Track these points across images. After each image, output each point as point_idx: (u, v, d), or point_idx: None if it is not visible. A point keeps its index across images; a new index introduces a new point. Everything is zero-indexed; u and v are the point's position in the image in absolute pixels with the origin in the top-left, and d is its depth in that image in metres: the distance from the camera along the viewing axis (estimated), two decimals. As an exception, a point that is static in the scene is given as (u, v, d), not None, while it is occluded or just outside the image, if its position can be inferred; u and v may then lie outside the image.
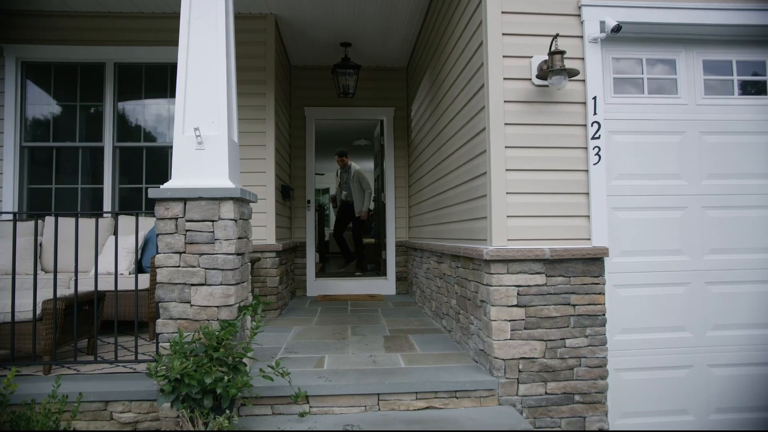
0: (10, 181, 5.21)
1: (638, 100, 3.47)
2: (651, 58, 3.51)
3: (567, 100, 3.27)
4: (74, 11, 5.26)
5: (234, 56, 3.29)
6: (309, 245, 7.24)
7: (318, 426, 2.86)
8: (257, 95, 5.38)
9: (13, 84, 5.28)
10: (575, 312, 3.21)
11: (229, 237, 2.96)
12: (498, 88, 3.22)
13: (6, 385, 2.34)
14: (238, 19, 5.34)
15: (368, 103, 7.24)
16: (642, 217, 3.43)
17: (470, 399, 3.13)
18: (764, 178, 3.50)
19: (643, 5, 3.32)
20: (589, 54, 3.27)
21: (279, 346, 4.09)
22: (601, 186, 3.26)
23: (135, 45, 5.24)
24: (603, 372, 3.21)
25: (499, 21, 3.23)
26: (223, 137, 3.03)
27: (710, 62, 3.56)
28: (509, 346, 3.15)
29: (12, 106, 5.26)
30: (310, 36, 6.10)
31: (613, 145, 3.41)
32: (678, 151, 3.48)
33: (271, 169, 5.44)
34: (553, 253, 3.15)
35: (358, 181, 8.24)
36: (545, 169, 3.24)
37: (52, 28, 5.28)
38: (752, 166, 3.50)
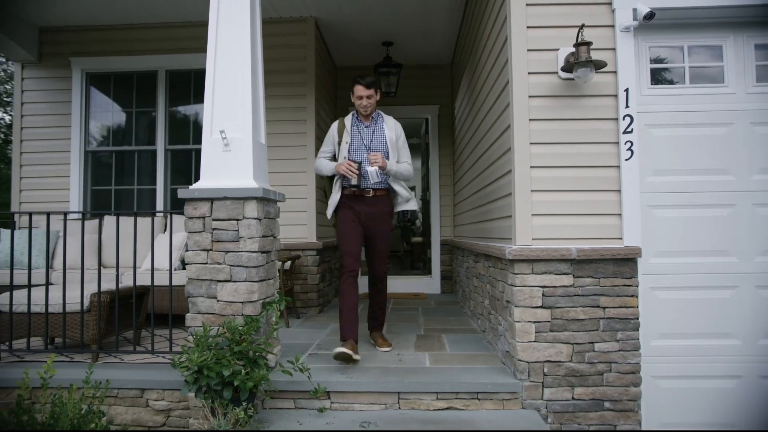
0: (76, 184, 5.65)
1: (679, 90, 3.26)
2: (693, 45, 3.28)
3: (596, 93, 3.12)
4: (130, 24, 5.63)
5: (261, 62, 3.39)
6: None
7: (335, 422, 2.91)
8: (298, 96, 5.52)
9: (79, 94, 5.73)
10: (605, 315, 3.06)
11: (252, 235, 3.07)
12: (522, 83, 3.12)
13: (46, 369, 2.56)
14: (279, 23, 5.52)
15: (412, 101, 7.23)
16: (683, 216, 3.22)
17: (492, 401, 3.07)
18: (826, 172, 3.18)
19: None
20: (620, 44, 3.11)
21: (312, 342, 4.19)
22: (633, 183, 3.08)
23: (184, 53, 5.52)
24: (636, 379, 3.04)
25: (523, 14, 3.13)
26: (248, 139, 3.14)
27: (764, 47, 3.27)
28: (533, 348, 3.06)
29: (78, 114, 5.71)
30: (351, 37, 6.18)
31: (650, 139, 3.21)
32: (724, 145, 3.22)
33: (312, 168, 5.56)
34: (580, 252, 3.02)
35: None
36: (572, 166, 3.11)
37: (111, 41, 5.67)
38: (812, 159, 3.19)
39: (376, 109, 3.86)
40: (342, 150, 3.70)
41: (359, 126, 3.74)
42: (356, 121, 3.75)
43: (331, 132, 3.81)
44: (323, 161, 3.79)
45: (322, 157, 3.80)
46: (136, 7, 5.29)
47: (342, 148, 3.70)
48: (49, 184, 5.70)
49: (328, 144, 3.82)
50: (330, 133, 3.81)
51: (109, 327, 3.55)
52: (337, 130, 3.76)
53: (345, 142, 3.69)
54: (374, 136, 3.74)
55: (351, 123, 3.74)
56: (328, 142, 3.81)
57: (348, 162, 3.55)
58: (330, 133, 3.81)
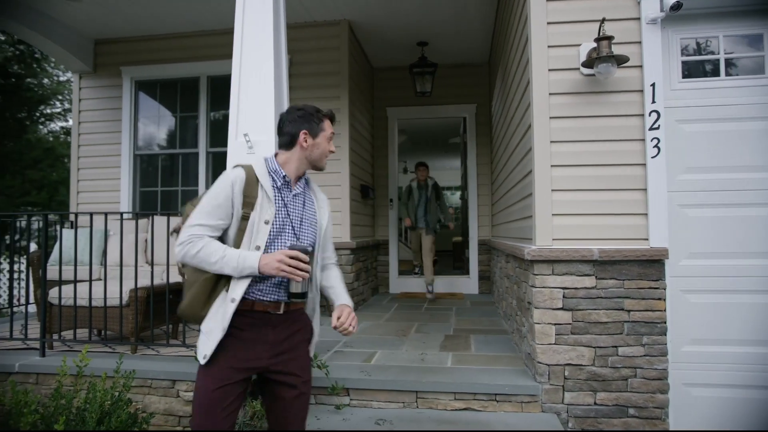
0: (126, 185, 6.00)
1: (713, 83, 3.09)
2: (729, 35, 3.10)
3: (621, 89, 3.02)
4: (174, 33, 5.92)
5: (285, 66, 3.49)
6: (392, 243, 7.38)
7: (352, 418, 2.96)
8: (331, 98, 5.62)
9: (128, 101, 6.08)
10: (629, 318, 2.95)
11: (274, 235, 3.16)
12: (542, 80, 3.07)
13: (81, 358, 2.76)
14: (313, 27, 5.65)
15: (450, 100, 7.19)
16: (716, 215, 3.06)
17: (511, 404, 3.03)
18: None
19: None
20: (646, 37, 2.99)
21: (339, 339, 4.26)
22: (660, 181, 2.96)
23: (224, 59, 5.71)
24: (663, 385, 2.92)
25: (543, 9, 3.08)
26: (271, 141, 3.24)
27: (811, 34, 3.06)
28: (553, 350, 3.00)
29: (127, 120, 6.06)
30: (385, 38, 6.22)
31: (681, 135, 3.07)
32: (763, 140, 3.04)
33: (345, 168, 5.65)
34: (603, 253, 2.94)
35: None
36: (595, 164, 3.02)
37: (157, 50, 5.99)
38: None
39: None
40: (252, 229, 1.91)
41: (285, 193, 2.00)
42: (283, 184, 2.00)
43: (223, 190, 1.90)
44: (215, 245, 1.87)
45: (207, 236, 1.89)
46: (178, 17, 5.55)
47: (251, 227, 1.91)
48: (102, 186, 6.07)
49: (217, 211, 1.90)
50: (222, 193, 1.90)
51: (146, 321, 3.77)
52: (241, 189, 1.91)
53: (261, 219, 1.91)
54: (304, 211, 2.05)
55: (271, 184, 1.97)
56: (219, 210, 1.90)
57: (296, 252, 1.85)
58: (222, 191, 1.90)
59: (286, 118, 2.06)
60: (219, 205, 1.90)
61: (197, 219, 1.90)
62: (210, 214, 1.90)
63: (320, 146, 2.05)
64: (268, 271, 1.84)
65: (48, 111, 15.28)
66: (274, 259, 1.84)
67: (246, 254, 1.86)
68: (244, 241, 1.91)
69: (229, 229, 1.93)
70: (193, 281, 1.92)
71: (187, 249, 1.86)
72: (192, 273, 1.93)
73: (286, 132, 2.04)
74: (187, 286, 1.94)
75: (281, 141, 2.07)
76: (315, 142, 2.03)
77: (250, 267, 1.85)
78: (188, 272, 1.95)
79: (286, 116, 2.07)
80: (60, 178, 13.61)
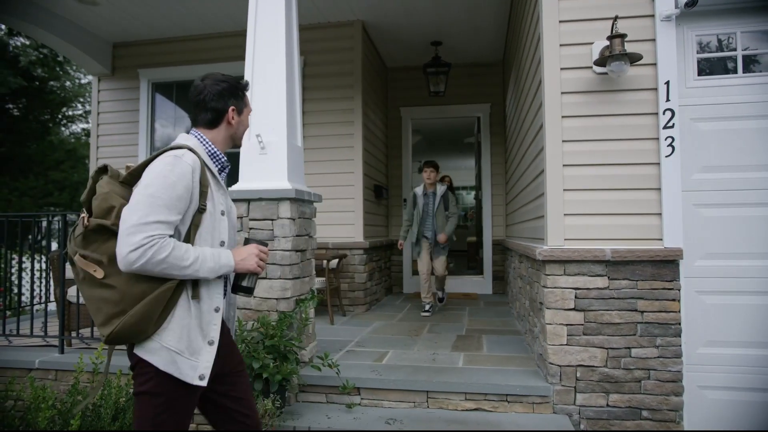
0: (143, 186, 6.10)
1: (730, 81, 3.04)
2: (747, 31, 3.04)
3: (634, 87, 2.98)
4: (189, 35, 6.00)
5: (297, 68, 3.52)
6: (406, 243, 7.36)
7: (363, 417, 2.98)
8: (345, 99, 5.65)
9: (146, 102, 6.19)
10: (642, 319, 2.92)
11: (286, 235, 3.20)
12: (554, 79, 3.04)
13: (97, 356, 2.81)
14: (327, 28, 5.67)
15: (463, 100, 7.16)
16: (733, 215, 3.00)
17: (522, 404, 3.02)
18: None
19: (732, -28, 2.90)
20: (660, 34, 2.95)
21: (352, 339, 4.28)
22: (674, 180, 2.92)
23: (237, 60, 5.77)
24: (677, 388, 2.88)
25: (555, 7, 3.05)
26: (282, 142, 3.27)
27: (832, 30, 2.99)
28: (565, 351, 2.97)
29: (145, 120, 6.16)
30: (399, 38, 6.23)
31: (696, 133, 3.02)
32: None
33: (359, 169, 5.66)
34: (615, 254, 2.90)
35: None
36: (608, 164, 2.99)
37: (172, 52, 6.08)
38: None
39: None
40: (212, 223, 1.71)
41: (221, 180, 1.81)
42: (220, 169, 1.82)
43: (182, 179, 1.60)
44: (183, 245, 1.60)
45: (168, 235, 1.58)
46: (192, 19, 5.63)
47: (210, 220, 1.70)
48: (121, 186, 6.18)
49: (177, 205, 1.60)
50: (182, 182, 1.60)
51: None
52: (198, 177, 1.65)
53: (217, 210, 1.72)
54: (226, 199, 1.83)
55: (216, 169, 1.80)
56: (179, 203, 1.60)
57: (259, 247, 1.78)
58: (181, 181, 1.60)
59: (209, 90, 1.77)
60: (179, 197, 1.58)
61: (154, 214, 1.53)
62: (169, 208, 1.56)
63: (244, 123, 1.88)
64: (245, 267, 1.72)
65: (70, 113, 15.63)
66: (251, 254, 1.73)
67: (219, 252, 1.67)
68: (202, 236, 1.66)
69: (178, 225, 1.62)
70: (137, 295, 1.54)
71: (150, 254, 1.50)
72: (133, 285, 1.55)
73: (211, 108, 1.77)
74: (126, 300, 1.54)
75: (203, 118, 1.78)
76: (240, 119, 1.84)
77: (226, 266, 1.67)
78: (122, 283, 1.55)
79: (209, 88, 1.77)
80: (81, 179, 13.91)
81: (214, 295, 1.68)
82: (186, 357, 1.59)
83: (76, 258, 1.60)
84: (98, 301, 1.57)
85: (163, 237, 1.54)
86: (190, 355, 1.60)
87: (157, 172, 1.59)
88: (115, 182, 1.66)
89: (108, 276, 1.56)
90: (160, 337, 1.56)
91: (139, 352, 1.58)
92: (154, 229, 1.53)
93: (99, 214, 1.59)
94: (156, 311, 1.55)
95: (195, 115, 1.80)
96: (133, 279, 1.55)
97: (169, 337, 1.57)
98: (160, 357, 1.56)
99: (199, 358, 1.62)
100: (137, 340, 1.57)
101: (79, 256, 1.60)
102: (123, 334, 1.53)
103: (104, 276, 1.56)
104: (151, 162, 1.63)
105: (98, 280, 1.57)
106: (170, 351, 1.57)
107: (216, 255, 1.65)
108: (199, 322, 1.63)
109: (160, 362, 1.56)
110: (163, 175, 1.58)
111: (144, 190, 1.56)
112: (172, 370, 1.57)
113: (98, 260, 1.57)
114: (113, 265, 1.56)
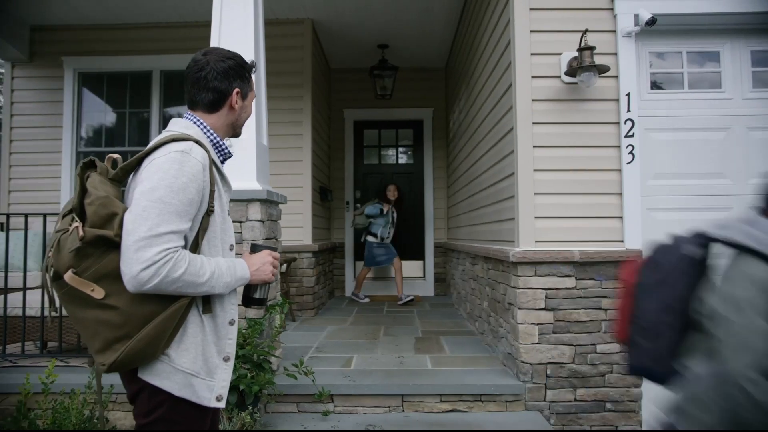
0: (67, 185, 5.55)
1: (678, 95, 3.31)
2: (692, 51, 3.33)
3: (599, 98, 3.16)
4: (125, 23, 5.55)
5: (264, 63, 3.37)
6: (348, 246, 7.32)
7: (340, 425, 2.90)
8: (294, 98, 5.50)
9: (71, 94, 5.64)
10: (607, 317, 3.09)
11: (256, 237, 3.05)
12: (526, 87, 3.15)
13: (47, 374, 2.51)
14: (276, 24, 5.49)
15: (407, 104, 7.24)
16: (681, 219, 3.25)
17: (496, 403, 3.08)
18: (820, 176, 3.25)
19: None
20: (622, 49, 3.15)
21: (311, 345, 4.16)
22: (634, 186, 3.13)
23: (180, 53, 5.44)
24: (636, 379, 3.08)
25: (527, 18, 3.16)
26: (251, 140, 3.12)
27: (759, 53, 3.34)
28: (536, 350, 3.08)
29: (69, 114, 5.62)
30: (347, 39, 6.17)
31: (650, 143, 3.26)
32: (722, 149, 3.28)
33: (308, 170, 5.54)
34: (583, 255, 3.05)
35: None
36: (575, 169, 3.14)
37: (105, 41, 5.59)
38: (806, 164, 3.26)
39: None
40: (222, 224, 1.51)
41: (226, 176, 1.58)
42: (224, 158, 1.62)
43: (194, 180, 1.37)
44: (197, 257, 1.38)
45: (181, 247, 1.34)
46: (130, 7, 5.22)
47: (219, 222, 1.50)
48: (40, 185, 5.58)
49: (189, 210, 1.36)
50: (193, 184, 1.36)
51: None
52: (208, 174, 1.42)
53: (224, 210, 1.53)
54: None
55: (220, 161, 1.60)
56: (191, 207, 1.37)
57: (271, 253, 1.61)
58: (192, 182, 1.36)
59: (212, 67, 1.51)
60: (191, 202, 1.36)
61: (165, 224, 1.30)
62: (180, 215, 1.33)
63: (247, 110, 1.63)
64: (260, 278, 1.54)
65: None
66: (265, 262, 1.56)
67: (234, 264, 1.47)
68: (211, 242, 1.45)
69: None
70: (144, 316, 1.33)
71: (164, 271, 1.28)
72: (139, 305, 1.33)
73: (212, 87, 1.51)
74: (131, 323, 1.31)
75: (203, 98, 1.52)
76: (244, 104, 1.60)
77: (242, 278, 1.48)
78: (126, 303, 1.32)
79: (212, 64, 1.51)
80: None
81: (228, 308, 1.50)
82: (202, 378, 1.41)
83: (68, 275, 1.31)
84: (95, 324, 1.32)
85: (177, 250, 1.31)
86: (206, 376, 1.42)
87: (164, 171, 1.33)
88: (106, 180, 1.40)
89: (109, 295, 1.32)
90: (172, 358, 1.37)
91: (147, 377, 1.36)
92: (167, 241, 1.29)
93: (97, 222, 1.31)
94: (167, 332, 1.35)
95: (193, 95, 1.53)
96: (138, 298, 1.32)
97: (184, 359, 1.38)
98: (173, 382, 1.37)
99: (215, 377, 1.44)
100: (143, 364, 1.36)
101: (71, 273, 1.31)
102: (128, 361, 1.32)
103: (104, 296, 1.32)
104: (149, 155, 1.39)
105: (96, 301, 1.31)
106: (186, 374, 1.38)
107: (231, 268, 1.46)
108: (213, 337, 1.45)
109: (174, 387, 1.37)
110: (172, 176, 1.33)
111: (151, 194, 1.31)
112: (188, 395, 1.39)
113: (96, 277, 1.32)
114: (114, 283, 1.32)
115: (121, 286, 1.32)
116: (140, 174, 1.38)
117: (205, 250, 1.44)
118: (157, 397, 1.38)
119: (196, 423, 1.44)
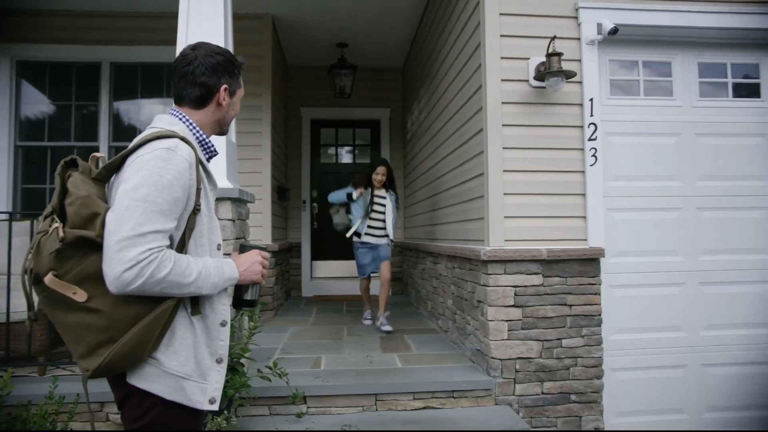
0: (4, 181, 5.17)
1: (634, 102, 3.50)
2: (647, 60, 3.53)
3: (564, 102, 3.29)
4: (71, 10, 5.21)
5: (232, 56, 3.28)
6: (304, 246, 7.23)
7: (315, 426, 2.86)
8: (253, 95, 5.37)
9: (7, 83, 5.24)
10: (571, 312, 3.22)
11: (227, 237, 2.96)
12: (496, 90, 3.23)
13: (2, 386, 2.33)
14: (235, 19, 5.32)
15: (365, 103, 7.24)
16: (637, 218, 3.46)
17: (467, 399, 3.14)
18: (758, 179, 3.54)
19: (640, 8, 3.34)
20: (586, 56, 3.29)
21: (276, 346, 4.09)
22: (597, 187, 3.28)
23: (131, 45, 5.21)
24: (599, 372, 3.23)
25: (497, 22, 3.25)
26: (221, 137, 3.01)
27: (705, 65, 3.59)
28: (506, 346, 3.16)
29: (6, 105, 5.22)
30: (307, 36, 6.10)
31: (610, 146, 3.43)
32: (674, 153, 3.50)
33: (267, 169, 5.43)
34: (550, 253, 3.17)
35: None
36: (542, 170, 3.26)
37: (48, 27, 5.23)
38: (746, 168, 3.53)
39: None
40: (208, 224, 1.47)
41: (212, 173, 1.56)
42: (209, 156, 1.59)
43: (180, 178, 1.32)
44: (183, 257, 1.34)
45: (165, 246, 1.30)
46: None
47: (206, 221, 1.46)
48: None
49: (174, 209, 1.32)
50: (179, 182, 1.32)
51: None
52: (195, 172, 1.38)
53: (210, 209, 1.50)
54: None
55: (206, 159, 1.56)
56: (176, 206, 1.33)
57: (261, 253, 1.58)
58: (178, 180, 1.32)
59: (201, 62, 1.48)
60: (176, 200, 1.32)
61: (149, 223, 1.26)
62: (165, 214, 1.29)
63: (235, 108, 1.61)
64: (249, 279, 1.52)
65: None
66: (254, 262, 1.53)
67: (222, 264, 1.44)
68: (198, 241, 1.42)
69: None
70: (129, 319, 1.29)
71: (148, 272, 1.24)
72: (123, 307, 1.28)
73: (200, 83, 1.48)
74: (115, 326, 1.28)
75: (189, 93, 1.49)
76: (232, 101, 1.57)
77: (231, 279, 1.46)
78: (110, 306, 1.28)
79: (201, 59, 1.49)
80: None
81: (219, 309, 1.45)
82: (194, 380, 1.38)
83: (48, 278, 1.26)
84: (78, 329, 1.28)
85: (161, 250, 1.27)
86: (198, 378, 1.39)
87: (149, 169, 1.29)
88: (88, 179, 1.36)
89: (92, 298, 1.27)
90: (161, 362, 1.33)
91: (135, 382, 1.32)
92: (151, 240, 1.25)
93: (78, 222, 1.27)
94: (153, 335, 1.31)
95: (180, 89, 1.50)
96: (122, 300, 1.28)
97: (174, 362, 1.35)
98: (163, 385, 1.34)
99: (207, 379, 1.41)
100: (130, 368, 1.32)
101: (51, 275, 1.26)
102: (114, 366, 1.28)
103: (87, 299, 1.27)
104: (133, 153, 1.34)
105: (78, 304, 1.27)
106: (176, 377, 1.35)
107: (219, 268, 1.42)
108: (205, 339, 1.41)
109: (164, 391, 1.34)
110: (157, 174, 1.29)
111: (134, 193, 1.27)
112: (180, 398, 1.36)
113: (78, 280, 1.27)
114: (97, 285, 1.27)
115: (104, 289, 1.27)
116: (124, 172, 1.34)
117: (192, 250, 1.40)
118: (147, 401, 1.34)
119: (189, 427, 1.41)
